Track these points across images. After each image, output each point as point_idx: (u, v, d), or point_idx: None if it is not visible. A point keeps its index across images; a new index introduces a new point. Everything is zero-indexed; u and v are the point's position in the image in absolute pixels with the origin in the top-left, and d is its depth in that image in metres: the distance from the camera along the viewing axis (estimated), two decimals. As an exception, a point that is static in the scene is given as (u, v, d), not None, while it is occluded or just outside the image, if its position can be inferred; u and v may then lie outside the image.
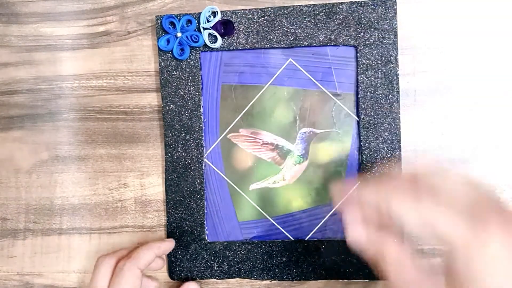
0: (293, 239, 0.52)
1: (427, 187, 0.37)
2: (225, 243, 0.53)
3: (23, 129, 0.56)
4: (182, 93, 0.52)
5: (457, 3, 0.50)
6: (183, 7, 0.53)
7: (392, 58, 0.50)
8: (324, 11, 0.50)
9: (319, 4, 0.50)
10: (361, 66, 0.50)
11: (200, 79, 0.52)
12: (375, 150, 0.50)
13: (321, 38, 0.51)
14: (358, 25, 0.50)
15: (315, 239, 0.52)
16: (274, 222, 0.53)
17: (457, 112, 0.51)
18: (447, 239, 0.34)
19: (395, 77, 0.50)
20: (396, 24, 0.50)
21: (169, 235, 0.53)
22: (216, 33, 0.51)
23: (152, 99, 0.54)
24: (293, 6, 0.51)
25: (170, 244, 0.51)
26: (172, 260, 0.53)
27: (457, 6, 0.51)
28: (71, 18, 0.55)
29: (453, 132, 0.51)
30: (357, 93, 0.51)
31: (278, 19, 0.51)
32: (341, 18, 0.50)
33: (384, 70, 0.50)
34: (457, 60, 0.51)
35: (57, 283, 0.56)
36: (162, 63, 0.52)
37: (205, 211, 0.53)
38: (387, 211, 0.37)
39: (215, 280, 0.54)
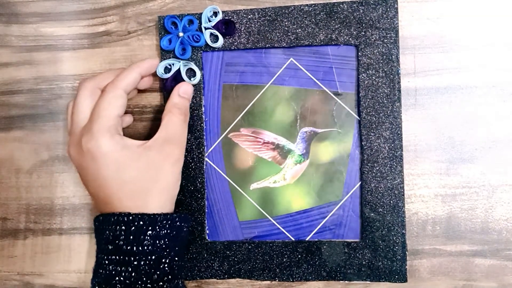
0: (293, 239, 0.52)
1: None
2: (225, 243, 0.53)
3: (24, 129, 0.56)
4: (183, 93, 0.52)
5: (458, 3, 0.51)
6: (183, 7, 0.53)
7: (393, 57, 0.50)
8: (324, 10, 0.50)
9: (320, 3, 0.51)
10: (362, 65, 0.50)
11: (201, 78, 0.52)
12: (376, 149, 0.50)
13: (322, 38, 0.51)
14: (359, 24, 0.50)
15: (316, 240, 0.52)
16: (274, 222, 0.53)
17: (457, 112, 0.51)
18: None
19: (396, 76, 0.50)
20: (397, 23, 0.50)
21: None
22: (217, 33, 0.51)
23: (153, 99, 0.54)
24: (294, 5, 0.51)
25: (152, 62, 0.50)
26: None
27: (458, 6, 0.51)
28: (71, 18, 0.55)
29: (454, 132, 0.51)
30: (358, 92, 0.51)
31: (279, 19, 0.51)
32: (342, 17, 0.50)
33: (385, 69, 0.50)
34: (458, 59, 0.51)
35: (57, 283, 0.56)
36: (163, 63, 0.52)
37: (206, 211, 0.53)
38: None
39: (215, 280, 0.54)
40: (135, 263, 0.43)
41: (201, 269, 0.53)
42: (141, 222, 0.44)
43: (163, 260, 0.44)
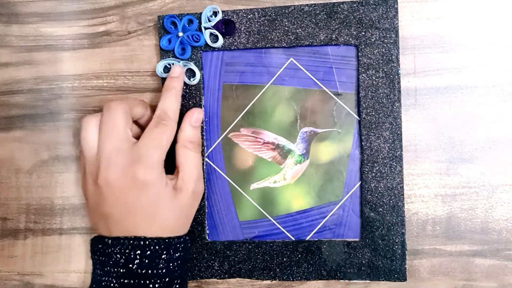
0: (294, 239, 0.52)
1: None
2: (225, 243, 0.53)
3: (24, 129, 0.56)
4: (183, 93, 0.52)
5: (458, 3, 0.51)
6: (183, 7, 0.53)
7: (393, 57, 0.50)
8: (325, 10, 0.50)
9: (320, 3, 0.51)
10: (362, 65, 0.50)
11: (201, 78, 0.52)
12: (376, 149, 0.50)
13: (322, 38, 0.51)
14: (359, 24, 0.50)
15: (316, 239, 0.52)
16: (275, 222, 0.53)
17: (457, 112, 0.51)
18: None
19: (396, 76, 0.50)
20: (397, 23, 0.50)
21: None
22: (217, 33, 0.51)
23: (153, 99, 0.54)
24: (294, 5, 0.51)
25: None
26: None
27: (458, 6, 0.51)
28: (71, 18, 0.55)
29: (454, 132, 0.51)
30: (358, 93, 0.51)
31: (279, 19, 0.51)
32: (342, 17, 0.50)
33: (385, 69, 0.50)
34: (458, 59, 0.51)
35: (57, 283, 0.56)
36: (163, 63, 0.52)
37: (206, 211, 0.53)
38: None
39: (215, 280, 0.54)
40: (150, 286, 0.44)
41: (201, 269, 0.53)
42: (157, 247, 0.45)
43: (175, 281, 0.45)
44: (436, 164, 0.51)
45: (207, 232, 0.53)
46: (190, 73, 0.52)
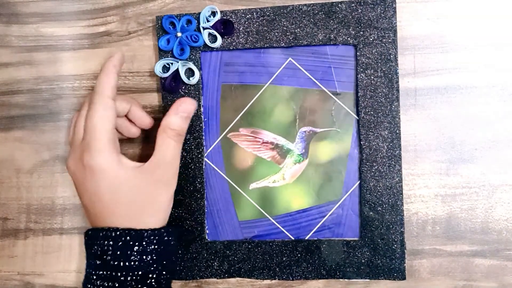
0: (293, 238, 0.52)
1: None
2: (225, 243, 0.53)
3: (24, 129, 0.56)
4: (182, 93, 0.52)
5: (458, 3, 0.50)
6: (183, 7, 0.53)
7: (391, 56, 0.50)
8: (323, 10, 0.50)
9: (319, 3, 0.50)
10: (361, 65, 0.50)
11: (200, 78, 0.52)
12: (375, 149, 0.50)
13: (320, 37, 0.51)
14: (358, 24, 0.50)
15: (315, 239, 0.52)
16: (274, 222, 0.53)
17: (457, 112, 0.51)
18: None
19: (394, 75, 0.50)
20: (396, 22, 0.50)
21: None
22: (216, 33, 0.51)
23: (153, 99, 0.54)
24: (293, 5, 0.51)
25: (119, 54, 0.47)
26: (172, 260, 0.53)
27: (458, 6, 0.50)
28: (71, 18, 0.55)
29: (454, 132, 0.51)
30: (356, 92, 0.51)
31: (277, 19, 0.51)
32: (341, 17, 0.50)
33: (384, 69, 0.50)
34: (458, 59, 0.51)
35: (58, 282, 0.56)
36: (162, 63, 0.52)
37: (206, 210, 0.53)
38: None
39: (215, 279, 0.54)
40: (122, 278, 0.44)
41: (201, 269, 0.53)
42: (128, 238, 0.44)
43: (150, 276, 0.44)
44: (436, 164, 0.51)
45: (207, 232, 0.53)
46: (189, 73, 0.52)
